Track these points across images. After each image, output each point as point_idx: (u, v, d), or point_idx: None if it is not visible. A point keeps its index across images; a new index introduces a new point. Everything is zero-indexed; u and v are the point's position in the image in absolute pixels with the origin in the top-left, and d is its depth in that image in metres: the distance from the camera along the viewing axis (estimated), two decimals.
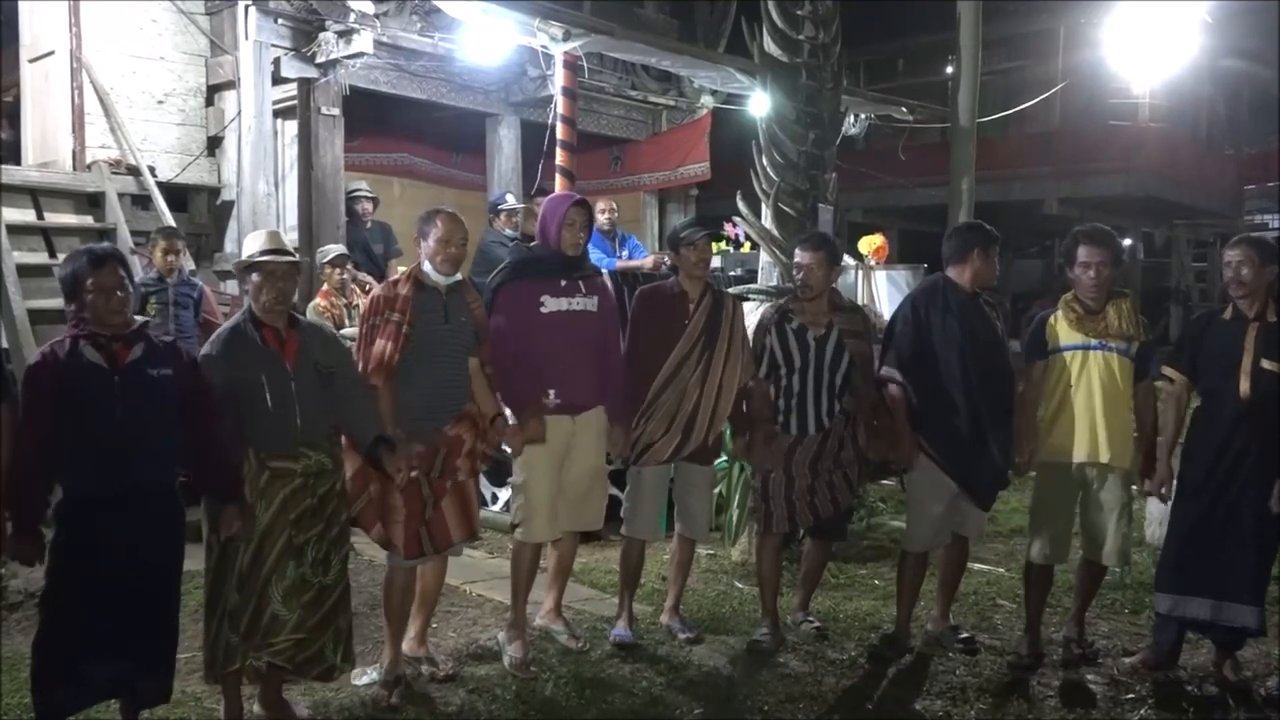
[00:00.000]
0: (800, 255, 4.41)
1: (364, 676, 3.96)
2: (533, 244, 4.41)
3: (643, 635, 4.46)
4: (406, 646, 4.08)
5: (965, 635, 4.43)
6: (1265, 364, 3.85)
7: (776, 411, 4.39)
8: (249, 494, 3.36)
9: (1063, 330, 4.18)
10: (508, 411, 4.11)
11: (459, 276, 3.97)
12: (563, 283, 4.20)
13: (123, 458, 3.14)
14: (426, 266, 3.89)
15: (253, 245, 3.55)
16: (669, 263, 7.78)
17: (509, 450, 4.22)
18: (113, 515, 3.14)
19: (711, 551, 5.67)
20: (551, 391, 4.14)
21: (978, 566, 5.51)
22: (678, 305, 4.42)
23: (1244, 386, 3.87)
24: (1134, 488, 4.28)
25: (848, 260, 7.92)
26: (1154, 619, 4.27)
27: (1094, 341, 4.11)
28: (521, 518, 4.27)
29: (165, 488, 3.28)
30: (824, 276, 4.38)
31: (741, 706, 3.87)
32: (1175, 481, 4.10)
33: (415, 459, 3.71)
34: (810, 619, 4.60)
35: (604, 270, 6.95)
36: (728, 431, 4.69)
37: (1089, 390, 4.09)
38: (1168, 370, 4.15)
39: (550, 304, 4.16)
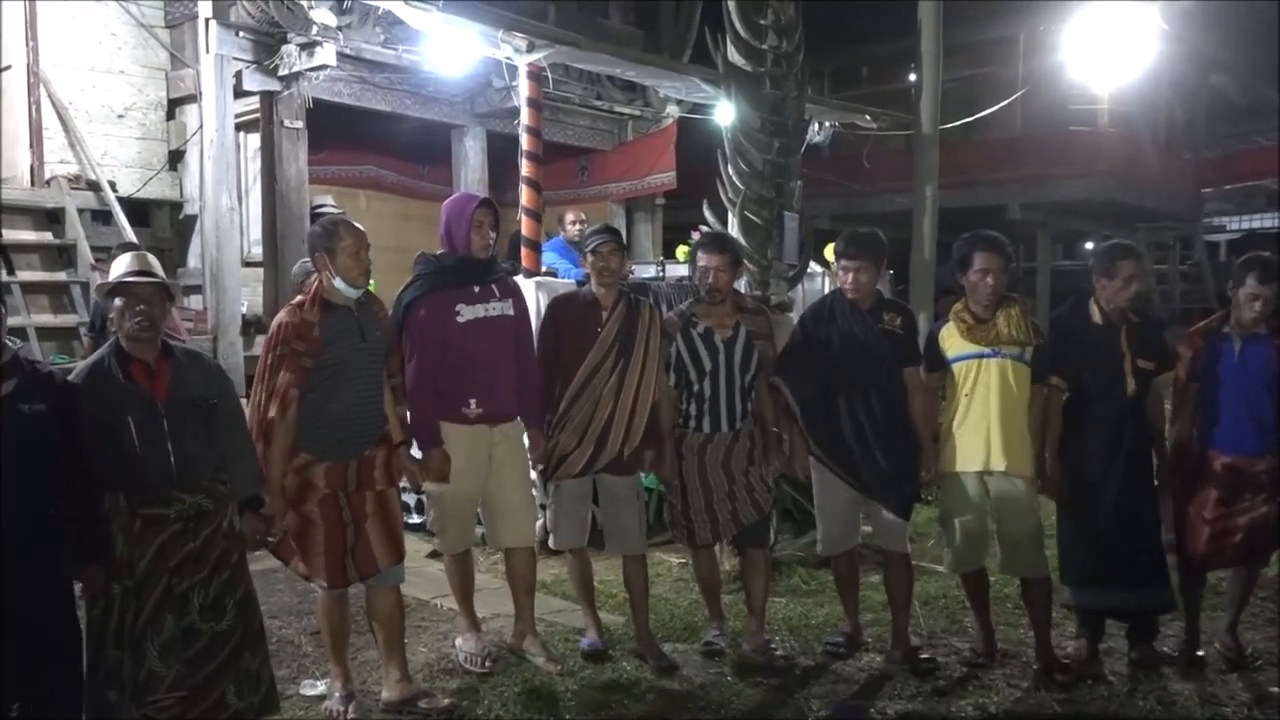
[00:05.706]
0: (704, 258, 4.32)
1: (313, 689, 3.94)
2: (439, 253, 4.19)
3: (615, 645, 4.44)
4: (395, 692, 3.82)
5: (926, 657, 4.32)
6: (1141, 363, 4.11)
7: (687, 418, 4.32)
8: (122, 542, 3.09)
9: (955, 341, 4.20)
10: (413, 443, 3.93)
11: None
12: (476, 289, 4.09)
13: None
14: (339, 283, 3.62)
15: (118, 268, 3.27)
16: (634, 271, 7.87)
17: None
18: None
19: (683, 560, 5.66)
20: (473, 401, 4.04)
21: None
22: (589, 313, 4.30)
23: (1130, 385, 4.10)
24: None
25: (814, 267, 7.96)
26: (1077, 616, 4.38)
27: (987, 350, 4.12)
28: (437, 529, 4.21)
29: (40, 525, 2.99)
30: (729, 279, 4.33)
31: (715, 714, 3.86)
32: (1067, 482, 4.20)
33: (276, 534, 3.52)
34: (774, 648, 4.38)
35: (573, 279, 7.00)
36: None
37: (985, 400, 4.12)
38: (1056, 381, 4.19)
39: (466, 312, 4.04)
